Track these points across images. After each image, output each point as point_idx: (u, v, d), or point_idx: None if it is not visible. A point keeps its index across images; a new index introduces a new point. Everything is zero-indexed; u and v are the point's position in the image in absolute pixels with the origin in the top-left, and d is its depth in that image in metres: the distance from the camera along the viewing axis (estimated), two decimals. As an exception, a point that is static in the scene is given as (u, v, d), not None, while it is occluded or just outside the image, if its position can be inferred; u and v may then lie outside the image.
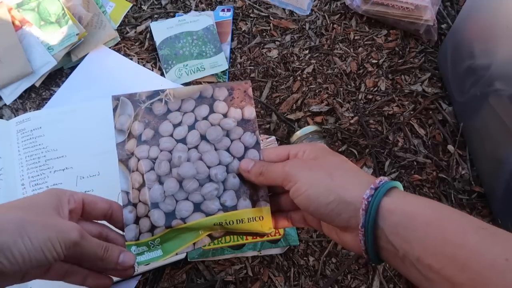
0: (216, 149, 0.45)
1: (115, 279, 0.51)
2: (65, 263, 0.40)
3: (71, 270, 0.40)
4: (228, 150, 0.45)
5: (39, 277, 0.39)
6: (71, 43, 0.66)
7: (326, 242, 0.57)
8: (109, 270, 0.41)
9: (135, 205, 0.44)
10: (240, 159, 0.45)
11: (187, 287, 0.54)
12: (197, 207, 0.44)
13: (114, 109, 0.47)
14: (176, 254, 0.43)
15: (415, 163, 0.63)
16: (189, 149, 0.45)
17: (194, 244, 0.44)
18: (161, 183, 0.44)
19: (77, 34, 0.66)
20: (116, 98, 0.47)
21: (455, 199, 0.61)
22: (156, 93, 0.47)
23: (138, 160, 0.45)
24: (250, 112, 0.47)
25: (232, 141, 0.46)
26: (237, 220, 0.43)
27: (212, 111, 0.47)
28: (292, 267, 0.56)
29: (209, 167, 0.45)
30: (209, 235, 0.44)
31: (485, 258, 0.29)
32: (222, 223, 0.43)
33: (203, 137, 0.46)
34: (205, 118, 0.47)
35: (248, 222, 0.43)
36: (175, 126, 0.46)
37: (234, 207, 0.44)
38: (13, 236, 0.32)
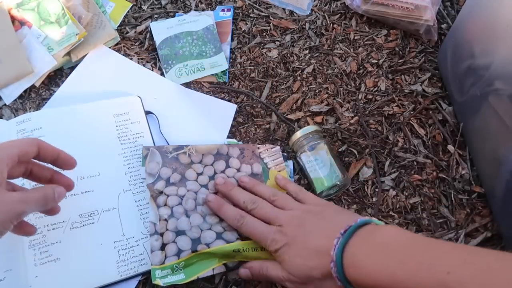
0: None
1: (115, 279, 0.52)
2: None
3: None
4: None
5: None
6: (71, 43, 0.66)
7: (326, 242, 0.57)
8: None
9: (161, 234, 0.52)
10: None
11: (187, 287, 0.54)
12: (219, 236, 0.52)
13: (145, 157, 0.57)
14: (198, 277, 0.50)
15: (415, 163, 0.63)
16: (210, 193, 0.55)
17: (213, 269, 0.51)
18: (187, 216, 0.53)
19: (77, 34, 0.66)
20: (146, 148, 0.57)
21: (455, 199, 0.61)
22: (180, 147, 0.58)
23: (168, 196, 0.54)
24: (257, 168, 0.58)
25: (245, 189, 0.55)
26: (252, 248, 0.50)
27: (228, 166, 0.58)
28: (292, 267, 0.56)
29: None
30: (225, 264, 0.51)
31: (424, 277, 0.35)
32: (240, 249, 0.50)
33: None
34: (222, 171, 0.57)
35: (262, 250, 0.50)
36: (198, 174, 0.57)
37: (249, 237, 0.51)
38: None
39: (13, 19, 0.67)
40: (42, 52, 0.65)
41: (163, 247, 0.51)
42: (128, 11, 0.74)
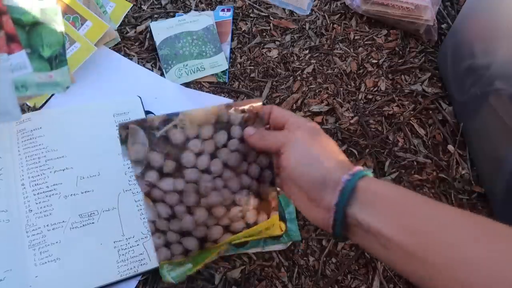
0: (236, 174, 0.47)
1: (115, 279, 0.52)
2: None
3: None
4: (246, 173, 0.47)
5: None
6: (50, 95, 0.66)
7: (326, 242, 0.57)
8: None
9: (164, 232, 0.45)
10: (258, 180, 0.48)
11: (188, 287, 0.54)
12: (226, 229, 0.48)
13: (124, 140, 0.42)
14: (205, 264, 0.48)
15: (415, 163, 0.63)
16: (213, 177, 0.46)
17: (218, 252, 0.48)
18: (191, 213, 0.45)
19: (67, 87, 0.50)
20: (124, 127, 0.42)
21: (455, 199, 0.61)
22: (169, 117, 0.44)
23: (164, 192, 0.45)
24: None
25: (249, 164, 0.47)
26: (257, 232, 0.49)
27: (230, 137, 0.47)
28: (292, 267, 0.56)
29: (233, 193, 0.47)
30: (231, 244, 0.49)
31: (434, 223, 0.33)
32: (246, 236, 0.48)
33: (225, 164, 0.46)
34: (225, 145, 0.46)
35: (265, 230, 0.49)
36: (197, 155, 0.45)
37: (255, 223, 0.49)
38: None
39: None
40: (9, 97, 0.43)
41: (167, 244, 0.46)
42: (128, 11, 0.74)
